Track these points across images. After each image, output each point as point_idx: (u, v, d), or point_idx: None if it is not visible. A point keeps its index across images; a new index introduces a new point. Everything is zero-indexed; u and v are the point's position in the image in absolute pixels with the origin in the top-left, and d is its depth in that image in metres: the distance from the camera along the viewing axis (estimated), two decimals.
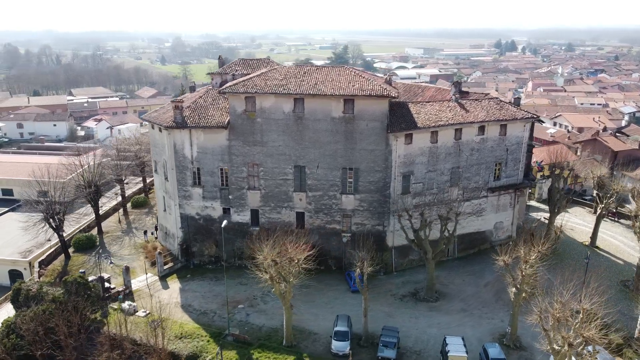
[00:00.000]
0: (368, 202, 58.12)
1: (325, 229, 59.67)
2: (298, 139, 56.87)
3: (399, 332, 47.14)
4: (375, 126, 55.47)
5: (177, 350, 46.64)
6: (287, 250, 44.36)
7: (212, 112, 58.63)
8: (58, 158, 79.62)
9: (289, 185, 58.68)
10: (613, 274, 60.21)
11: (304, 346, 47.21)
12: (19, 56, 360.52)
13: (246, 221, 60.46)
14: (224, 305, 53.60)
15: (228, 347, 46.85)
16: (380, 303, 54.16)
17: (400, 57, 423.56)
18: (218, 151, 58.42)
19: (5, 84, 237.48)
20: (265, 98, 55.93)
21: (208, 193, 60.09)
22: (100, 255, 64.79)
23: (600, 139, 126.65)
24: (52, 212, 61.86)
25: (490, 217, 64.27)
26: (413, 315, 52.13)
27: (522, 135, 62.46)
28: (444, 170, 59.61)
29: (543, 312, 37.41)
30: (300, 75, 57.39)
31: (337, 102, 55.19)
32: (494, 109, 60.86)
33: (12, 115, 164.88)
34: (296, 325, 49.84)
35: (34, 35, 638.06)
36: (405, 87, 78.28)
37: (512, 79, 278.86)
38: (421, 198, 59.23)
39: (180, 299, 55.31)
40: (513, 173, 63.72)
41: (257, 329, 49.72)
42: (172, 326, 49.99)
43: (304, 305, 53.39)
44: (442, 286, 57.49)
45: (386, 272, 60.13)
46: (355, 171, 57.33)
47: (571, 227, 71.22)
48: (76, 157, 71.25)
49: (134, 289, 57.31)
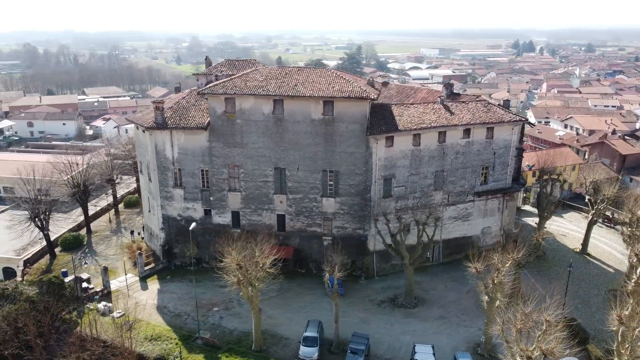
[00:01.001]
0: (349, 205, 57.28)
1: (306, 232, 59.00)
2: (278, 140, 56.31)
3: (370, 339, 46.19)
4: (355, 128, 54.61)
5: (146, 352, 46.38)
6: (254, 254, 43.70)
7: (193, 113, 58.39)
8: (47, 157, 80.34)
9: (269, 188, 58.16)
10: (602, 283, 58.42)
11: (273, 351, 46.61)
12: (38, 56, 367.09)
13: (227, 223, 60.12)
14: (200, 307, 53.23)
15: (196, 350, 46.52)
16: (357, 308, 53.33)
17: (415, 57, 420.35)
18: (199, 152, 58.18)
19: (21, 83, 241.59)
20: (245, 99, 55.48)
21: (189, 194, 59.90)
22: (79, 256, 64.68)
23: (608, 142, 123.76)
24: (38, 211, 62.30)
25: (477, 222, 62.86)
26: (389, 321, 51.13)
27: (510, 139, 60.90)
28: (427, 174, 58.45)
29: (506, 323, 36.18)
30: (281, 77, 56.81)
31: (316, 103, 54.47)
32: (480, 112, 59.47)
33: (23, 114, 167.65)
34: (268, 330, 49.33)
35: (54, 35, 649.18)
36: (398, 88, 77.22)
37: (527, 80, 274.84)
38: (404, 202, 58.20)
39: (157, 300, 55.18)
40: (501, 177, 62.20)
41: (229, 332, 49.28)
42: (144, 328, 49.85)
43: (279, 309, 52.89)
44: (423, 292, 56.39)
45: (367, 277, 59.21)
46: (336, 174, 56.55)
47: (563, 233, 69.45)
48: (65, 156, 71.55)
49: (114, 290, 57.38)
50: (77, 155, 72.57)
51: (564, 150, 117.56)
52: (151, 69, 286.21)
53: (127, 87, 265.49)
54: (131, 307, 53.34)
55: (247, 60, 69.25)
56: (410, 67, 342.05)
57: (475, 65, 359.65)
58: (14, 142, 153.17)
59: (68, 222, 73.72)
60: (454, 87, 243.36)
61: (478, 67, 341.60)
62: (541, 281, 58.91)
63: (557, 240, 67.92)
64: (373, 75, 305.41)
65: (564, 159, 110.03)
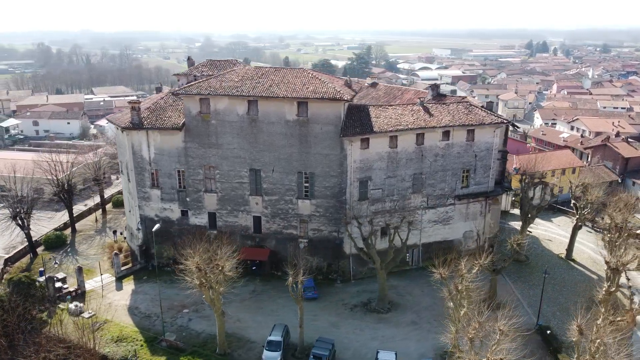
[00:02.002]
0: (324, 207, 56.58)
1: (282, 234, 58.42)
2: (253, 141, 55.83)
3: (335, 344, 45.44)
4: (329, 130, 53.89)
5: (110, 353, 46.25)
6: (215, 257, 43.21)
7: (170, 114, 58.17)
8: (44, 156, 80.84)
9: (244, 189, 57.71)
10: (584, 290, 56.71)
11: (237, 355, 46.13)
12: (51, 55, 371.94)
13: (204, 224, 59.79)
14: (170, 309, 53.20)
15: (159, 353, 46.26)
16: (328, 312, 52.63)
17: (426, 57, 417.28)
18: (175, 153, 57.95)
19: (32, 82, 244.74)
20: (219, 100, 55.10)
21: (166, 195, 59.71)
22: (49, 256, 64.61)
23: (610, 145, 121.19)
24: (18, 210, 62.59)
25: (458, 226, 61.68)
26: (359, 326, 50.32)
27: (492, 141, 59.62)
28: (405, 177, 57.48)
29: (460, 331, 35.19)
30: (257, 78, 56.31)
31: (290, 104, 53.87)
32: (461, 114, 58.32)
33: (29, 113, 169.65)
34: (236, 333, 48.91)
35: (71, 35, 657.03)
36: (386, 89, 76.18)
37: (537, 81, 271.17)
38: (381, 205, 57.32)
39: (129, 301, 55.04)
40: (483, 180, 60.94)
41: (196, 335, 48.90)
42: (112, 328, 49.69)
43: (249, 313, 52.43)
44: (399, 297, 55.47)
45: (343, 280, 58.45)
46: (311, 176, 55.88)
47: (549, 238, 67.92)
48: (48, 155, 71.90)
49: (89, 289, 57.40)
50: (61, 154, 72.75)
51: (563, 152, 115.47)
52: (160, 68, 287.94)
53: (136, 86, 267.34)
54: (103, 307, 53.54)
55: (228, 60, 68.87)
56: (420, 68, 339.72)
57: (487, 65, 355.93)
58: (18, 140, 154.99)
59: (54, 221, 74.16)
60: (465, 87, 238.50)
61: (489, 68, 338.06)
62: (521, 287, 57.76)
63: (542, 245, 66.43)
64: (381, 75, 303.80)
65: (561, 161, 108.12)
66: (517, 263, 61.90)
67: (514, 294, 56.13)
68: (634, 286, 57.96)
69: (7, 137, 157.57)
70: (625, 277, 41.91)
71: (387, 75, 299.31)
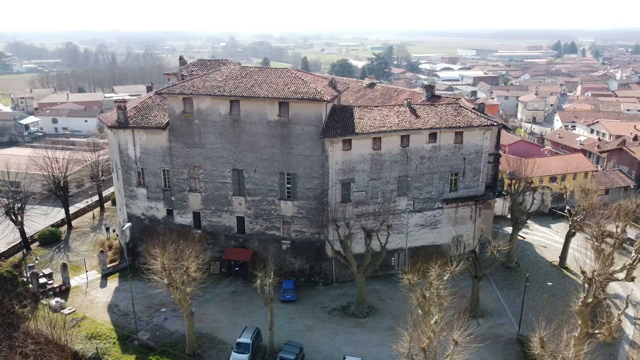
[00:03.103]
0: (306, 209, 55.94)
1: (265, 235, 58.03)
2: (235, 141, 55.60)
3: (304, 349, 44.82)
4: (310, 131, 53.25)
5: (83, 350, 46.57)
6: (182, 257, 43.08)
7: (156, 113, 58.39)
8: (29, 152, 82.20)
9: (228, 189, 57.52)
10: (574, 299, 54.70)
11: (207, 356, 45.91)
12: (79, 54, 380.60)
13: (189, 223, 59.86)
14: (149, 307, 53.42)
15: (130, 351, 46.38)
16: (305, 315, 52.01)
17: (450, 58, 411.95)
18: (160, 152, 58.14)
19: (56, 81, 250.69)
20: (202, 99, 55.02)
21: (152, 194, 59.99)
22: (29, 253, 65.30)
23: (626, 149, 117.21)
24: (12, 205, 63.77)
25: (447, 230, 60.19)
26: (334, 330, 49.55)
27: (482, 144, 58.00)
28: (389, 179, 56.38)
29: (413, 341, 34.12)
30: (240, 77, 56.04)
31: (271, 105, 53.43)
32: (448, 115, 56.92)
33: (48, 111, 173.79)
34: (209, 334, 48.76)
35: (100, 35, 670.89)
36: (383, 89, 75.25)
37: (561, 82, 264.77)
38: (364, 207, 56.37)
39: (111, 298, 55.44)
40: (473, 184, 59.36)
41: (169, 334, 48.90)
42: (88, 325, 50.14)
43: (226, 313, 52.22)
44: (379, 301, 54.47)
45: (325, 283, 57.74)
46: (293, 177, 55.33)
47: (545, 245, 65.78)
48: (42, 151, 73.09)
49: (74, 286, 58.06)
50: (56, 151, 73.92)
51: (575, 156, 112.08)
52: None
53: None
54: (84, 304, 54.12)
55: (219, 60, 68.89)
56: (442, 69, 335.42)
57: (511, 66, 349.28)
58: (37, 137, 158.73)
59: (52, 217, 75.44)
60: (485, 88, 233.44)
61: (513, 69, 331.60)
62: (508, 295, 56.07)
63: (535, 252, 64.39)
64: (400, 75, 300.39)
65: (571, 165, 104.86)
66: (507, 270, 60.28)
67: (499, 301, 54.52)
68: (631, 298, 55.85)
69: (26, 134, 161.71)
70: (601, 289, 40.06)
71: (407, 76, 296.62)
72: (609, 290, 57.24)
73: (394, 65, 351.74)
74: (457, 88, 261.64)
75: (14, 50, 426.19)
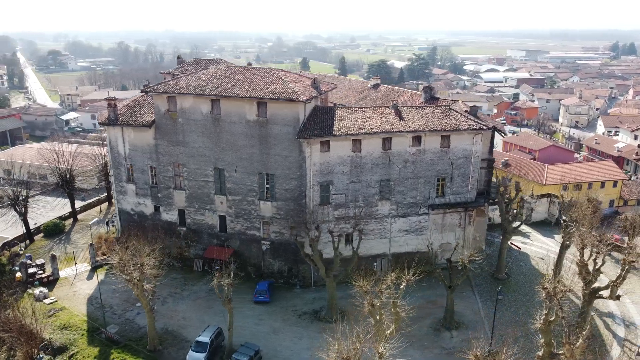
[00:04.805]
0: (285, 210, 55.42)
1: (246, 234, 57.93)
2: (216, 140, 55.79)
3: (260, 351, 44.36)
4: (288, 131, 52.69)
5: (52, 340, 47.94)
6: (140, 254, 43.56)
7: (145, 111, 59.46)
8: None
9: (210, 188, 57.81)
10: None
11: (167, 352, 46.29)
12: (129, 53, 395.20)
13: (174, 220, 60.64)
14: (125, 301, 54.40)
15: (95, 343, 47.40)
16: (275, 318, 51.50)
17: (497, 59, 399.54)
18: (147, 149, 59.16)
19: (103, 78, 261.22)
20: (184, 98, 55.53)
21: (140, 190, 61.14)
22: (19, 247, 67.84)
23: None
24: (17, 197, 66.67)
25: (433, 237, 58.08)
26: (299, 334, 48.81)
27: (471, 149, 55.58)
28: (370, 182, 55.00)
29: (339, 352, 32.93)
30: (224, 77, 56.17)
31: (250, 105, 53.25)
32: (435, 118, 54.88)
33: (88, 107, 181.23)
34: (175, 331, 49.19)
35: (154, 34, 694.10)
36: (386, 90, 73.58)
37: (612, 86, 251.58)
38: (344, 210, 55.26)
39: (93, 290, 56.83)
40: (461, 190, 57.02)
41: (137, 329, 49.61)
42: (64, 316, 51.60)
43: (197, 312, 52.51)
44: (354, 307, 52.97)
45: (303, 286, 57.04)
46: (272, 177, 54.94)
47: (542, 257, 62.33)
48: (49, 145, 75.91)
49: (63, 277, 59.93)
50: (63, 144, 76.67)
51: (603, 164, 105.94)
52: None
53: None
54: (66, 295, 55.78)
55: (213, 59, 69.42)
56: (486, 70, 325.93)
57: (561, 68, 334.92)
58: (76, 132, 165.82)
59: (59, 210, 78.34)
60: (527, 90, 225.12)
61: (562, 71, 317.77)
62: (490, 307, 53.35)
63: (530, 264, 61.15)
64: (441, 77, 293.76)
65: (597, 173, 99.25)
66: (495, 281, 57.57)
67: (479, 313, 52.11)
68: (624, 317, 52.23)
69: (67, 129, 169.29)
70: (559, 307, 37.35)
71: (448, 77, 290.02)
72: (602, 308, 53.81)
73: (437, 66, 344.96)
74: (499, 90, 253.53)
75: (72, 49, 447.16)
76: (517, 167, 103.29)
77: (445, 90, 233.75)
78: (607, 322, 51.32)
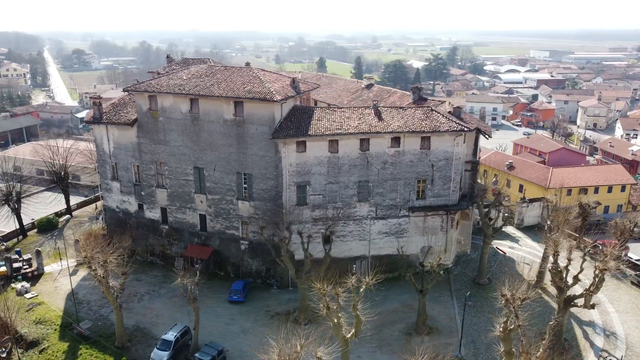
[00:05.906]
0: (262, 210, 55.21)
1: (225, 234, 57.95)
2: (195, 139, 55.92)
3: (224, 351, 44.27)
4: (264, 131, 52.46)
5: (27, 334, 48.68)
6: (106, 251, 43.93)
7: (129, 110, 60.01)
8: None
9: (190, 186, 58.01)
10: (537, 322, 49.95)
11: (134, 349, 46.58)
12: (151, 52, 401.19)
13: (157, 218, 61.06)
14: (103, 298, 54.79)
15: (66, 339, 48.00)
16: (246, 318, 51.38)
17: (520, 59, 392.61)
18: (130, 148, 59.70)
19: (122, 77, 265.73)
20: (165, 97, 55.82)
21: (125, 188, 61.75)
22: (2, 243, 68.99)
23: None
24: (10, 192, 68.06)
25: (415, 240, 57.19)
26: (268, 335, 48.36)
27: (452, 151, 54.47)
28: (348, 183, 54.39)
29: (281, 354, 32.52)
30: (204, 76, 56.28)
31: (227, 104, 53.22)
32: (415, 119, 53.96)
33: None
34: (146, 328, 49.48)
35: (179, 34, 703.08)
36: (379, 90, 72.82)
37: (635, 87, 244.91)
38: (322, 211, 54.76)
39: (73, 286, 57.58)
40: (443, 193, 55.93)
41: (109, 325, 50.01)
42: (42, 311, 52.36)
43: (172, 310, 52.76)
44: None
45: (281, 287, 56.78)
46: (249, 177, 54.81)
47: (528, 263, 60.74)
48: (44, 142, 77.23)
49: (47, 272, 60.93)
50: (57, 141, 77.98)
51: (610, 167, 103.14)
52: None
53: None
54: (47, 290, 56.64)
55: (201, 59, 69.59)
56: (506, 70, 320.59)
57: (584, 69, 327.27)
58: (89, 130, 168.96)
59: (54, 206, 79.72)
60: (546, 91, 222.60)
61: (586, 72, 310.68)
62: (467, 313, 52.12)
63: (515, 269, 59.60)
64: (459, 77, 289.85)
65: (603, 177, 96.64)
66: (476, 286, 56.29)
67: (454, 319, 51.00)
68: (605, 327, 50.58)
69: (81, 126, 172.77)
70: (515, 315, 36.25)
71: (467, 78, 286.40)
72: (583, 317, 52.14)
73: (457, 67, 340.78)
74: (518, 91, 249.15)
75: (97, 49, 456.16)
76: (521, 169, 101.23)
77: (462, 91, 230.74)
78: (587, 331, 49.61)
